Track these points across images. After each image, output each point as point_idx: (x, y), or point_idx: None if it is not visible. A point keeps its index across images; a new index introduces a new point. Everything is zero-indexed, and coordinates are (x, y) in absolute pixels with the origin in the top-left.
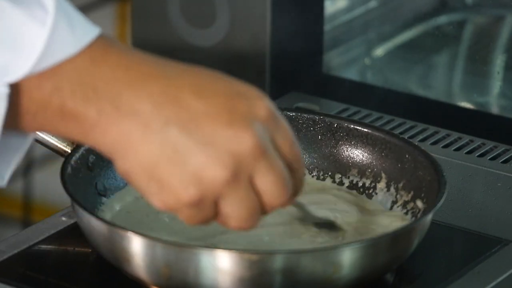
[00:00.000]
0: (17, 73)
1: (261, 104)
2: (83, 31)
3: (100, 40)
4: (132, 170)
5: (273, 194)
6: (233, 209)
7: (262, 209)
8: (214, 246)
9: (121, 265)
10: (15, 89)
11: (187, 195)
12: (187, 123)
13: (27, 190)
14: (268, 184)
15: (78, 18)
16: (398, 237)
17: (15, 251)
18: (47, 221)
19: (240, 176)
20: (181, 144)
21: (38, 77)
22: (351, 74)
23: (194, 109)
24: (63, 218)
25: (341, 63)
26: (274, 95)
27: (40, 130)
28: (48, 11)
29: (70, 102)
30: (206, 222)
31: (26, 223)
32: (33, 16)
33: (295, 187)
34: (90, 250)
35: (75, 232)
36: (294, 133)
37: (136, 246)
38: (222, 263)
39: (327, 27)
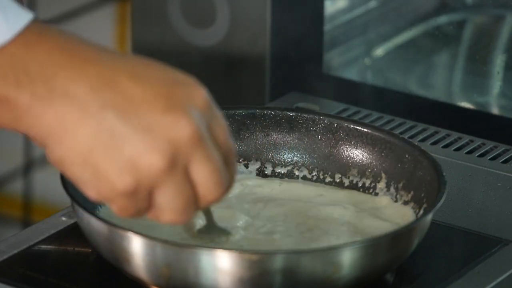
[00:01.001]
0: None
1: (199, 92)
2: (16, 17)
3: (34, 25)
4: (66, 156)
5: (209, 186)
6: (168, 200)
7: (196, 203)
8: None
9: (121, 265)
10: None
11: (122, 183)
12: (125, 108)
13: (27, 190)
14: (204, 175)
15: (11, 5)
16: (398, 237)
17: (15, 251)
18: (47, 221)
19: (177, 164)
20: (117, 130)
21: None
22: (351, 74)
23: (131, 94)
24: (63, 218)
25: (341, 63)
26: (274, 95)
27: None
28: None
29: (2, 87)
30: (139, 214)
31: (26, 223)
32: None
33: (228, 183)
34: (90, 250)
35: (75, 232)
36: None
37: (136, 246)
38: (222, 263)
39: (327, 27)
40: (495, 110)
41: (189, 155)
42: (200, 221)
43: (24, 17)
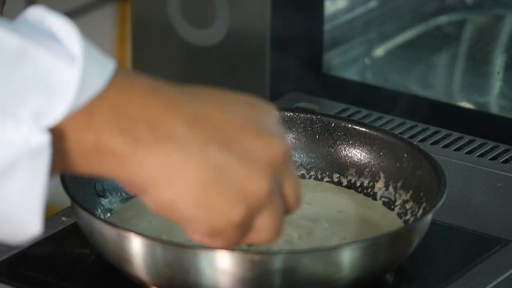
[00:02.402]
0: (54, 116)
1: (271, 110)
2: (105, 63)
3: (120, 70)
4: (178, 198)
5: (295, 198)
6: (269, 220)
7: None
8: None
9: (121, 266)
10: (55, 134)
11: (236, 215)
12: (224, 140)
13: None
14: (293, 188)
15: (97, 52)
16: (398, 237)
17: (15, 251)
18: (47, 221)
19: (275, 185)
20: (223, 163)
21: (73, 117)
22: (351, 74)
23: (225, 126)
24: (63, 218)
25: (341, 63)
26: (274, 95)
27: (75, 171)
28: (74, 48)
29: (105, 134)
30: (239, 243)
31: None
32: (59, 54)
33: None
34: (90, 250)
35: (75, 232)
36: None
37: (137, 247)
38: (223, 263)
39: (327, 27)
40: (495, 110)
41: (281, 173)
42: None
43: (110, 62)
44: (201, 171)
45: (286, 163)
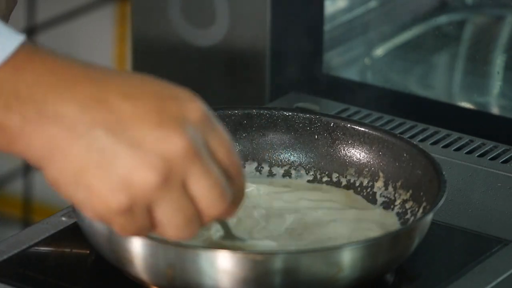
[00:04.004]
0: None
1: (194, 106)
2: (6, 41)
3: (25, 47)
4: (59, 177)
5: (209, 201)
6: (168, 216)
7: (200, 218)
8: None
9: (122, 266)
10: None
11: (117, 202)
12: (114, 125)
13: (27, 190)
14: (203, 190)
15: (1, 29)
16: (398, 237)
17: (15, 251)
18: (47, 221)
19: (171, 180)
20: (108, 148)
21: None
22: (351, 74)
23: (121, 111)
24: (63, 218)
25: (341, 63)
26: (274, 95)
27: None
28: None
29: None
30: (142, 232)
31: (26, 223)
32: None
33: (235, 197)
34: (90, 250)
35: (75, 232)
36: (232, 140)
37: (139, 248)
38: (225, 263)
39: (327, 27)
40: (495, 110)
41: (184, 170)
42: (217, 233)
43: (14, 40)
44: (83, 154)
45: (189, 160)
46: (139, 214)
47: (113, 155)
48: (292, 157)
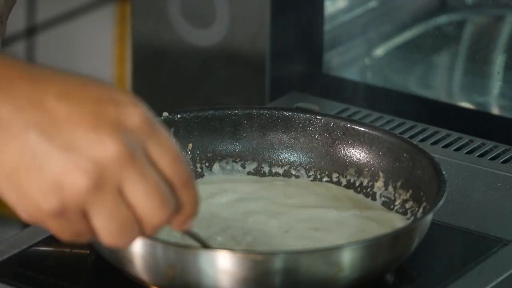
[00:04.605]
0: None
1: (134, 112)
2: None
3: None
4: None
5: (147, 208)
6: (102, 222)
7: (139, 226)
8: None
9: (123, 266)
10: None
11: (47, 204)
12: (48, 128)
13: None
14: (139, 196)
15: None
16: (398, 237)
17: (15, 251)
18: None
19: (104, 185)
20: (40, 150)
21: None
22: (351, 74)
23: (56, 113)
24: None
25: (341, 63)
26: (274, 95)
27: None
28: None
29: None
30: (80, 236)
31: (26, 223)
32: None
33: (182, 208)
34: (90, 250)
35: None
36: (178, 150)
37: (138, 247)
38: (225, 264)
39: (327, 27)
40: (495, 110)
41: (118, 175)
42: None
43: None
44: (16, 155)
45: (123, 166)
46: (72, 218)
47: (45, 157)
48: (292, 157)
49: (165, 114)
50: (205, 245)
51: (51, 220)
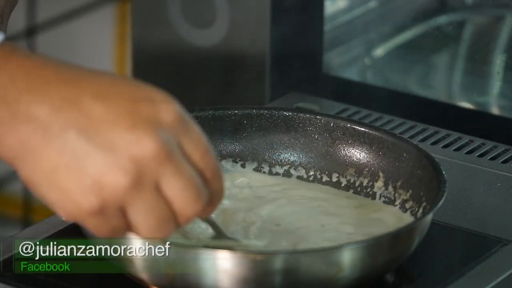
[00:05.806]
0: None
1: (168, 108)
2: None
3: (2, 47)
4: (33, 177)
5: (183, 202)
6: (141, 217)
7: (175, 219)
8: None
9: (123, 266)
10: None
11: (88, 203)
12: (86, 128)
13: (27, 190)
14: (177, 191)
15: None
16: (398, 237)
17: (15, 251)
18: (47, 221)
19: (143, 182)
20: (79, 149)
21: None
22: (351, 74)
23: (93, 113)
24: (63, 218)
25: (341, 63)
26: (274, 95)
27: None
28: None
29: None
30: (117, 233)
31: (26, 223)
32: None
33: (212, 198)
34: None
35: (75, 232)
36: (209, 143)
37: (140, 248)
38: (225, 263)
39: (327, 27)
40: (495, 110)
41: (156, 172)
42: (209, 231)
43: None
44: (55, 155)
45: (161, 162)
46: (111, 216)
47: (85, 157)
48: (292, 157)
49: None
50: (220, 233)
51: (90, 218)
